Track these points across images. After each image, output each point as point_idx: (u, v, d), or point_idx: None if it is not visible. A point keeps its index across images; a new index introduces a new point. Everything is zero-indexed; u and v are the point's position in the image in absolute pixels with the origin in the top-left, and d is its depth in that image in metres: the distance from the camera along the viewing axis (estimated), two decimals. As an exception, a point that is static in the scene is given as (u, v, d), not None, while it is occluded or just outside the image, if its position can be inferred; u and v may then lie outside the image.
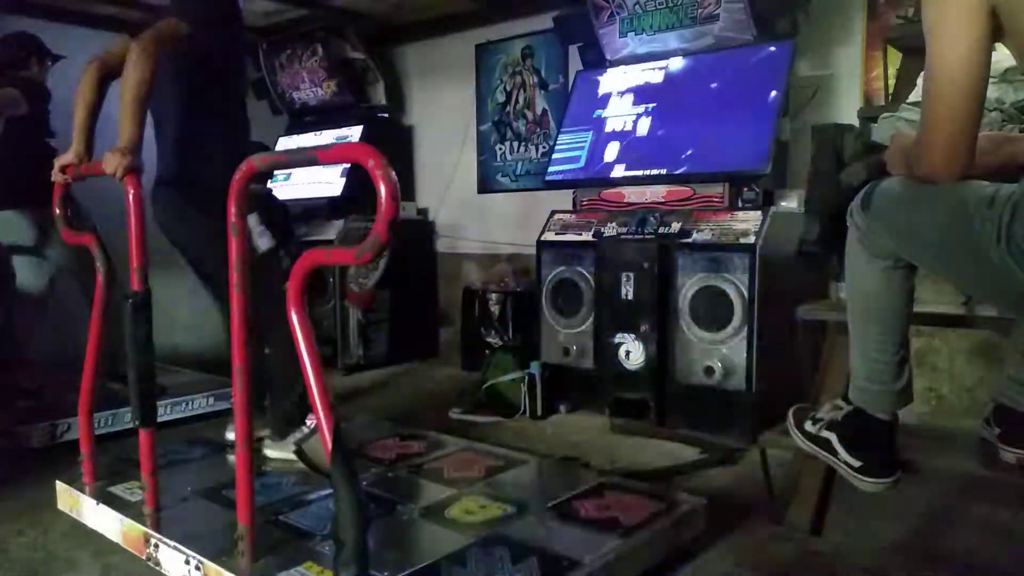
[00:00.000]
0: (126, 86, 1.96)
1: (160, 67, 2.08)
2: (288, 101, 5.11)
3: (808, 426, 1.79)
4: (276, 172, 4.83)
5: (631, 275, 3.14)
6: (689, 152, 3.22)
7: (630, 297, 3.15)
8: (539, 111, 4.46)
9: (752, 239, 2.88)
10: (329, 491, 1.69)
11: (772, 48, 3.18)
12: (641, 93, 3.50)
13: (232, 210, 1.63)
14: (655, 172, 3.28)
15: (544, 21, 4.12)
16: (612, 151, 3.47)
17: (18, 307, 3.22)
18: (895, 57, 2.94)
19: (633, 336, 3.13)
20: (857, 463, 1.66)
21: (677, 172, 3.23)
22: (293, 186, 4.76)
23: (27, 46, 3.23)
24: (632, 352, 3.14)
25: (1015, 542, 2.01)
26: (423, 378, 4.29)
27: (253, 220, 2.28)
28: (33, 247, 3.14)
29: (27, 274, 3.21)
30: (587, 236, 3.35)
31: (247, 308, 1.67)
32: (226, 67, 2.31)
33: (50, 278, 3.22)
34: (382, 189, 1.30)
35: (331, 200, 4.46)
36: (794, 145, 3.25)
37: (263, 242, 2.29)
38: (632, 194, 3.35)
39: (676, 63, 3.44)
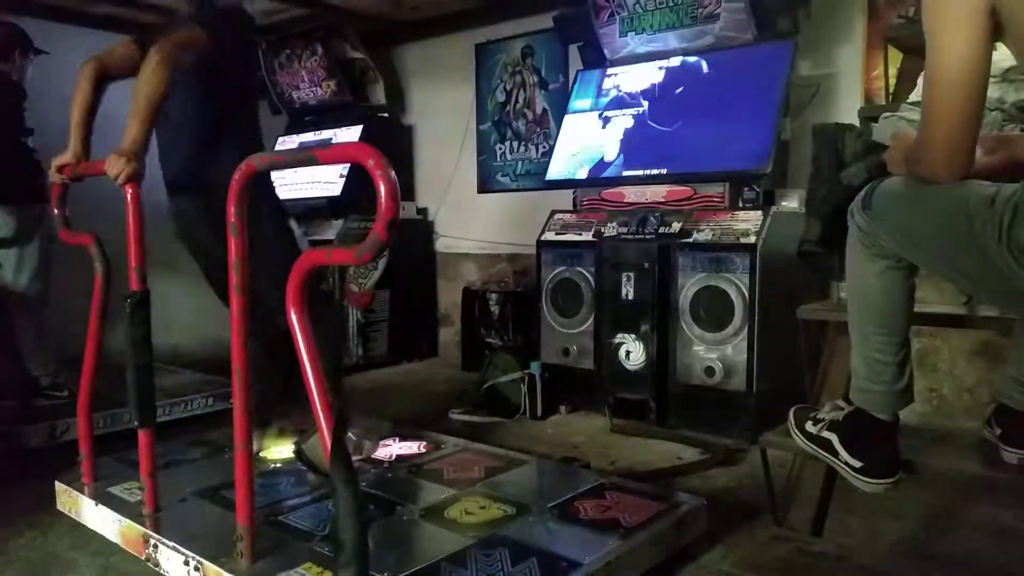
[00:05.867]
0: (142, 90, 1.94)
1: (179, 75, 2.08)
2: (287, 101, 5.11)
3: (809, 426, 1.79)
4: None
5: (631, 275, 3.14)
6: (689, 152, 3.22)
7: (630, 297, 3.14)
8: (539, 110, 4.46)
9: (753, 239, 2.87)
10: (328, 492, 1.68)
11: (773, 47, 3.17)
12: (641, 93, 3.49)
13: (231, 210, 1.63)
14: (655, 172, 3.28)
15: (544, 20, 4.12)
16: (612, 151, 3.47)
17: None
18: (896, 56, 2.94)
19: (633, 336, 3.13)
20: (858, 464, 1.66)
21: (678, 172, 3.23)
22: (293, 186, 4.76)
23: (12, 37, 3.18)
24: (632, 352, 3.13)
25: (1016, 543, 2.00)
26: (423, 378, 4.28)
27: (295, 224, 2.33)
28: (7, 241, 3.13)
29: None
30: (587, 236, 3.35)
31: (247, 308, 1.66)
32: (241, 73, 2.31)
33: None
34: (382, 189, 1.29)
35: (330, 200, 4.45)
36: (795, 145, 3.24)
37: (304, 244, 2.31)
38: (632, 194, 3.34)
39: (676, 63, 3.44)
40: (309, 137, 4.94)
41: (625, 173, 3.38)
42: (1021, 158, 1.46)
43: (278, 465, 2.30)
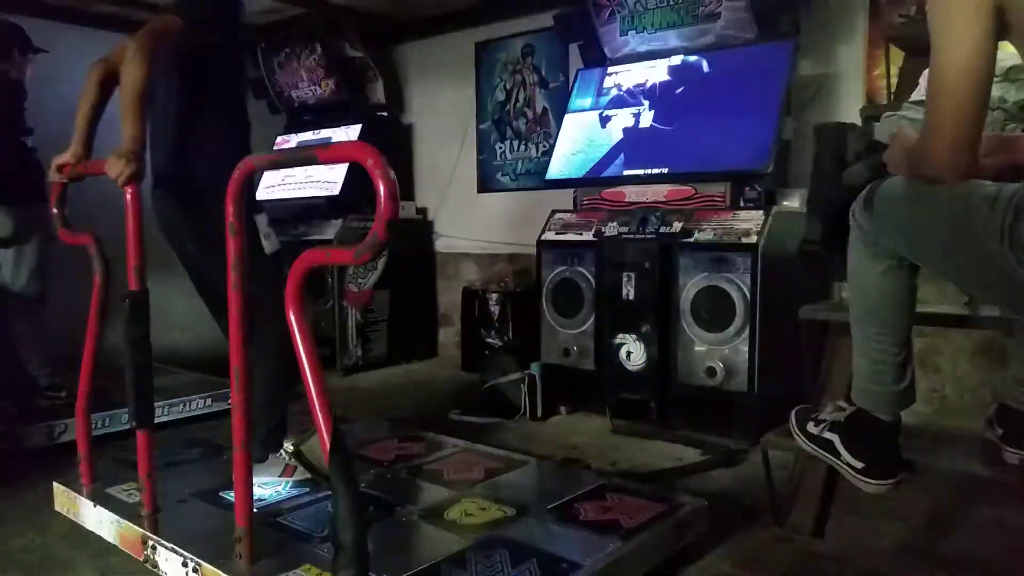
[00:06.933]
0: (124, 87, 1.94)
1: (157, 64, 2.07)
2: (286, 100, 5.10)
3: (810, 427, 1.79)
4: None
5: (632, 275, 3.13)
6: (690, 151, 3.21)
7: (631, 297, 3.14)
8: (539, 110, 4.45)
9: (754, 239, 2.86)
10: (328, 493, 1.68)
11: (774, 47, 3.16)
12: (642, 92, 3.48)
13: (230, 210, 1.62)
14: (656, 171, 3.27)
15: (544, 19, 4.11)
16: (613, 150, 3.46)
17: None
18: (897, 56, 2.93)
19: (634, 336, 3.12)
20: (859, 464, 1.65)
21: (678, 171, 3.22)
22: (292, 186, 4.75)
23: (11, 36, 3.18)
24: (633, 352, 3.12)
25: (1018, 543, 2.00)
26: (423, 378, 4.28)
27: (262, 220, 2.26)
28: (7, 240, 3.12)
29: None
30: (588, 236, 3.34)
31: (245, 308, 1.65)
32: (223, 64, 2.29)
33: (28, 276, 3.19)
34: (381, 188, 1.28)
35: (330, 199, 4.45)
36: (796, 144, 3.24)
37: (269, 244, 2.26)
38: (633, 193, 3.34)
39: (677, 61, 3.43)
40: (308, 136, 4.93)
41: (625, 172, 3.38)
42: (1021, 160, 1.46)
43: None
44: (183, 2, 2.15)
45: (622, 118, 3.50)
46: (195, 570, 1.67)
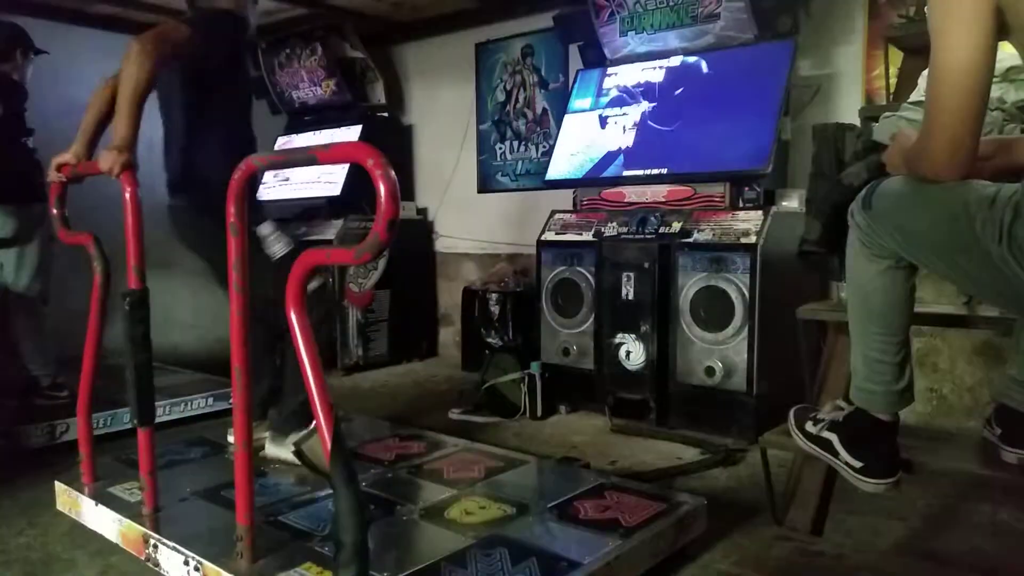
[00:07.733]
0: (122, 85, 1.95)
1: (166, 73, 2.08)
2: (287, 100, 5.10)
3: (809, 426, 1.79)
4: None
5: (631, 275, 3.14)
6: (690, 151, 3.22)
7: (630, 297, 3.14)
8: (539, 110, 4.46)
9: (753, 239, 2.87)
10: (328, 492, 1.68)
11: (773, 47, 3.17)
12: (642, 92, 3.49)
13: (231, 210, 1.62)
14: (656, 171, 3.28)
15: (544, 20, 4.12)
16: (612, 151, 3.47)
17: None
18: (896, 56, 2.94)
19: (633, 336, 3.13)
20: (858, 463, 1.66)
21: (678, 171, 3.23)
22: (293, 186, 4.76)
23: (13, 37, 3.18)
24: (632, 352, 3.13)
25: (1017, 542, 2.01)
26: (423, 378, 4.28)
27: (267, 228, 2.28)
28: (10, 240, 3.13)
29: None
30: (587, 236, 3.35)
31: (246, 308, 1.66)
32: (229, 76, 2.30)
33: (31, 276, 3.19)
34: (381, 189, 1.29)
35: (330, 200, 4.45)
36: (795, 144, 3.24)
37: (279, 248, 2.28)
38: (632, 194, 3.34)
39: (676, 62, 3.44)
40: (309, 137, 4.94)
41: (625, 173, 3.38)
42: (1019, 162, 1.46)
43: (278, 465, 2.30)
44: (196, 19, 2.17)
45: (622, 119, 3.51)
46: (196, 569, 1.68)
